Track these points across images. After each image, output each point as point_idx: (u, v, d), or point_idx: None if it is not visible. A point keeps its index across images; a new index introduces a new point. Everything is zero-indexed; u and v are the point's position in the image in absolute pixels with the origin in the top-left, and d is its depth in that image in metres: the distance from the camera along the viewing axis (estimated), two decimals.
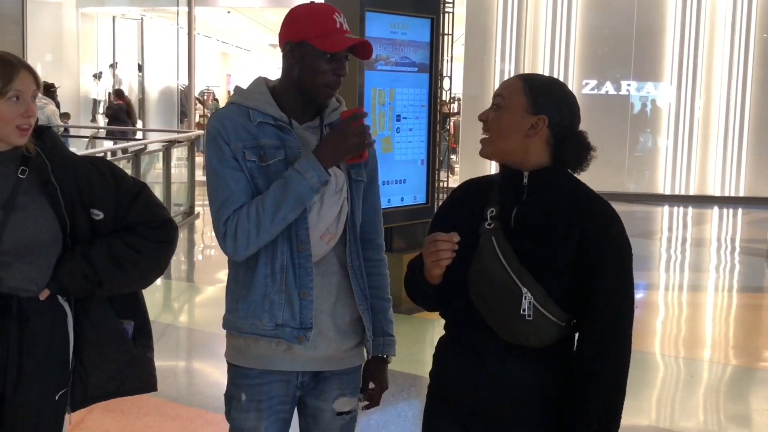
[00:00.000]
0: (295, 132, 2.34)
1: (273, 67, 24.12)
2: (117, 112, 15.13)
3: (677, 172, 15.51)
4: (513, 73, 15.21)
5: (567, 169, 2.15)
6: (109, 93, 15.02)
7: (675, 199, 15.13)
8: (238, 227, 2.24)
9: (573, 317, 2.11)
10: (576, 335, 2.15)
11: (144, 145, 10.28)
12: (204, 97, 20.62)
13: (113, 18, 16.56)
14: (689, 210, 14.46)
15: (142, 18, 16.99)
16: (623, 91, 15.52)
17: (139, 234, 2.41)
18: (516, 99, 2.10)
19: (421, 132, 6.70)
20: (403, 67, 6.49)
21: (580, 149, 2.13)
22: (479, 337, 2.13)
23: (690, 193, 15.36)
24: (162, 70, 17.16)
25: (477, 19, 15.13)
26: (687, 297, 8.58)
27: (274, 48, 21.45)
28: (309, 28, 2.30)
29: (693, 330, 7.24)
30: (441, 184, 7.63)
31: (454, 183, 11.81)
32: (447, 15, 7.29)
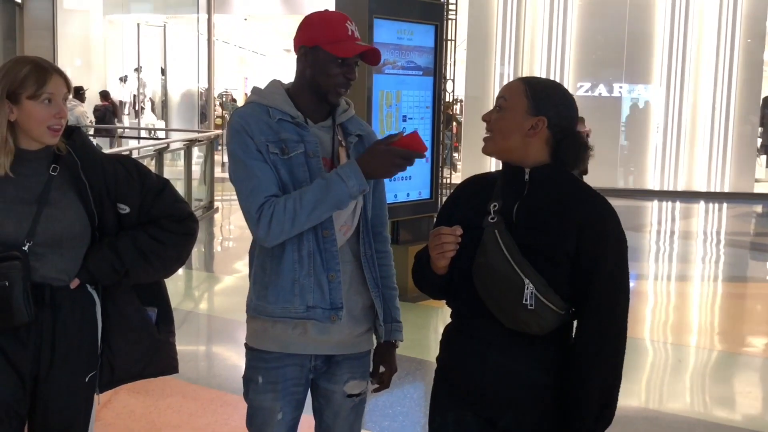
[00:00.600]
0: (311, 130, 2.35)
1: (287, 71, 24.14)
2: (104, 113, 15.38)
3: (666, 168, 15.48)
4: (512, 76, 15.19)
5: (565, 167, 2.14)
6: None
7: (663, 195, 15.10)
8: (273, 218, 2.23)
9: (572, 306, 2.10)
10: (574, 323, 2.15)
11: (167, 144, 10.28)
12: (223, 99, 20.61)
13: (138, 25, 16.56)
14: (677, 204, 14.42)
15: (165, 24, 16.97)
16: (615, 93, 15.48)
17: (163, 227, 2.42)
18: (517, 101, 2.10)
19: (426, 131, 6.69)
20: (409, 71, 6.47)
21: (578, 149, 2.12)
22: (483, 325, 2.13)
23: (678, 189, 15.32)
24: (183, 73, 17.15)
25: (478, 25, 15.09)
26: (675, 286, 8.56)
27: (288, 53, 21.46)
28: (323, 33, 2.31)
29: (680, 317, 7.23)
30: (444, 180, 7.62)
31: (456, 180, 11.82)
32: (450, 22, 7.27)
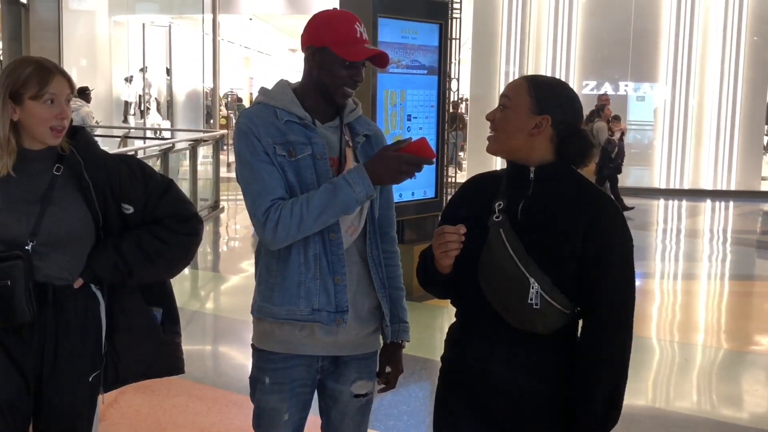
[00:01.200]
0: (318, 130, 2.34)
1: (292, 70, 24.13)
2: None
3: (672, 167, 15.43)
4: (517, 75, 15.15)
5: (570, 165, 2.13)
6: (140, 96, 15.02)
7: (670, 193, 15.06)
8: (280, 221, 2.22)
9: (577, 305, 2.09)
10: (580, 322, 2.13)
11: (172, 144, 10.28)
12: (228, 99, 20.62)
13: (143, 25, 16.59)
14: (683, 203, 14.38)
15: (170, 25, 17.00)
16: (621, 91, 15.44)
17: (167, 227, 2.41)
18: (521, 99, 2.08)
19: (431, 130, 6.67)
20: (414, 70, 6.46)
21: (582, 146, 2.11)
22: (489, 324, 2.11)
23: (684, 187, 15.28)
24: (189, 73, 17.16)
25: (483, 24, 15.07)
26: (681, 285, 8.52)
27: (293, 52, 21.46)
28: (331, 35, 2.29)
29: (687, 316, 7.20)
30: (449, 179, 7.60)
31: (461, 178, 11.79)
32: (454, 21, 7.25)
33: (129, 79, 17.78)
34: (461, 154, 15.94)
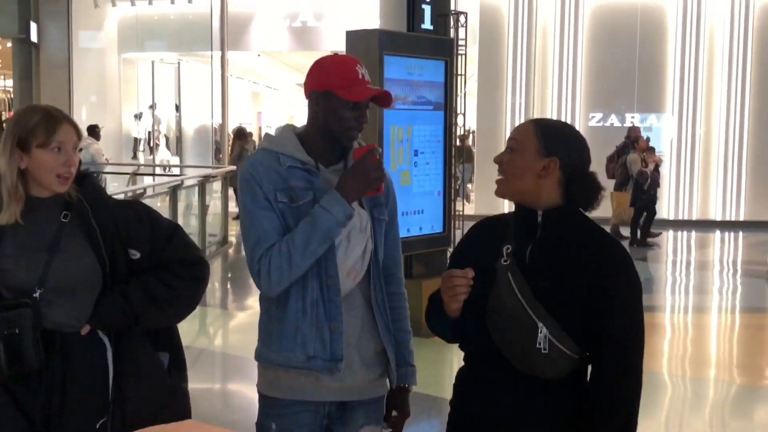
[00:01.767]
0: (322, 175, 2.35)
1: (299, 105, 24.24)
2: None
3: (680, 198, 15.39)
4: (524, 107, 15.21)
5: (579, 208, 2.12)
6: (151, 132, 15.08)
7: (679, 224, 14.99)
8: (271, 264, 2.24)
9: (586, 350, 2.07)
10: (589, 367, 2.11)
11: (181, 181, 10.32)
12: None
13: (152, 62, 16.74)
14: (692, 234, 14.31)
15: (179, 62, 17.16)
16: (627, 123, 15.45)
17: (173, 272, 2.41)
18: (529, 142, 2.08)
19: (438, 165, 6.68)
20: (420, 106, 6.48)
21: (590, 189, 2.10)
22: (497, 369, 2.09)
23: (693, 218, 15.22)
24: (197, 109, 17.29)
25: (489, 57, 15.14)
26: (692, 318, 8.45)
27: (300, 87, 21.61)
28: (334, 78, 2.31)
29: (698, 350, 7.13)
30: (457, 212, 7.58)
31: (470, 211, 11.78)
32: (460, 57, 7.29)
33: (138, 116, 17.92)
34: (469, 186, 15.95)
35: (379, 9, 7.48)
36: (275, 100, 27.62)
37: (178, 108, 17.56)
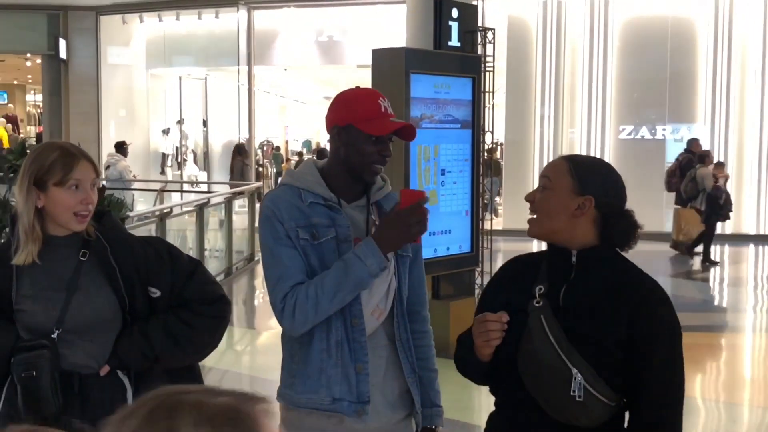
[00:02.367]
0: (344, 211, 2.29)
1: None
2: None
3: None
4: (552, 119, 15.06)
5: (615, 248, 2.03)
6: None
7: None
8: (296, 306, 2.19)
9: (623, 396, 1.97)
10: (626, 414, 2.01)
11: (207, 199, 10.32)
12: (263, 149, 20.76)
13: (180, 78, 16.80)
14: (725, 248, 14.05)
15: (206, 77, 17.22)
16: (659, 135, 15.24)
17: (194, 310, 2.35)
18: (562, 180, 2.00)
19: (465, 184, 6.59)
20: (447, 124, 6.40)
21: (627, 228, 2.01)
22: (529, 416, 2.01)
23: (726, 232, 14.94)
24: (225, 124, 17.33)
25: (517, 69, 15.02)
26: (726, 338, 8.25)
27: (327, 100, 21.63)
28: (355, 112, 2.27)
29: (733, 372, 6.95)
30: (485, 227, 7.45)
31: (497, 226, 11.65)
32: (488, 74, 7.20)
33: (166, 131, 17.99)
34: (497, 199, 15.82)
35: (406, 25, 7.41)
36: (302, 113, 27.70)
37: (205, 123, 17.61)
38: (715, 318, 9.05)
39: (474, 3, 7.29)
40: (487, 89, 7.19)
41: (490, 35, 7.22)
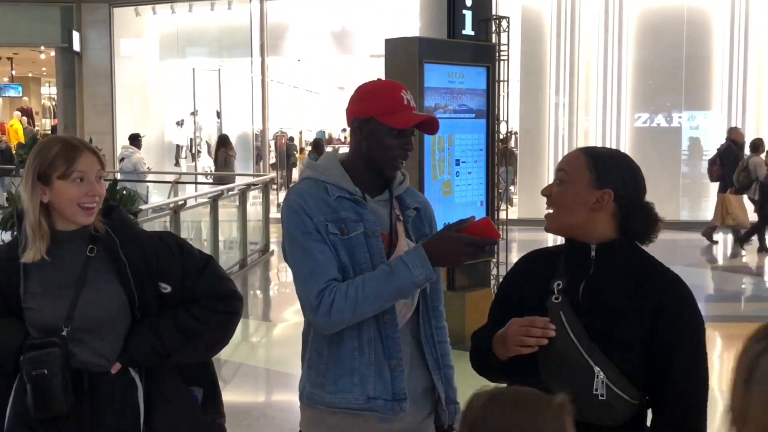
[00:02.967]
0: (368, 205, 2.25)
1: (339, 109, 24.17)
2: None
3: None
4: (567, 107, 14.94)
5: (635, 242, 1.96)
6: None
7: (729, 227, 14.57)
8: (333, 305, 2.12)
9: (646, 394, 1.91)
10: (649, 411, 1.95)
11: (221, 191, 10.29)
12: (276, 140, 20.71)
13: (193, 69, 16.76)
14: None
15: (219, 68, 17.17)
16: (675, 122, 15.09)
17: (205, 306, 2.31)
18: (580, 173, 1.93)
19: (480, 174, 6.52)
20: (461, 114, 6.33)
21: (647, 221, 1.95)
22: None
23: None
24: (238, 115, 17.30)
25: (531, 57, 14.88)
26: (744, 328, 8.12)
27: (341, 90, 21.55)
28: (377, 105, 2.21)
29: None
30: (500, 217, 7.36)
31: (512, 215, 11.54)
32: (502, 63, 7.11)
33: (180, 123, 17.98)
34: (512, 188, 15.73)
35: (419, 14, 7.33)
36: (315, 103, 27.65)
37: (219, 114, 17.58)
38: (732, 307, 8.95)
39: None
40: (502, 78, 7.10)
41: (504, 23, 7.13)
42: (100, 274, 2.22)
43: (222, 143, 14.67)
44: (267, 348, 7.59)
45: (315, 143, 14.86)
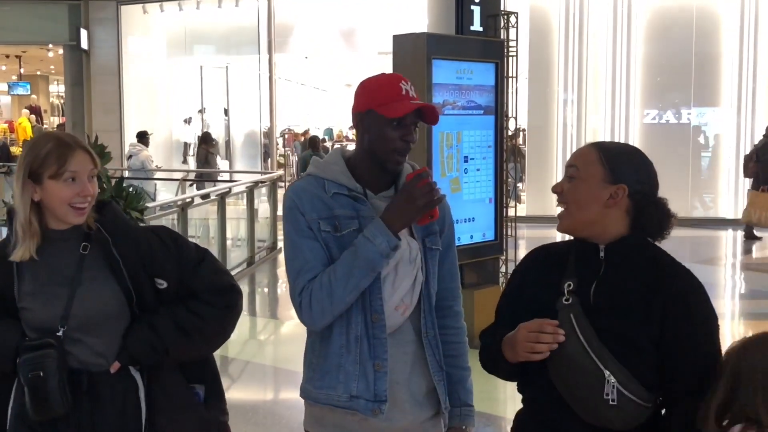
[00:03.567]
0: (370, 202, 2.19)
1: (346, 106, 24.12)
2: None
3: (740, 195, 14.85)
4: (576, 104, 14.86)
5: (646, 238, 1.91)
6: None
7: (738, 224, 14.48)
8: (312, 297, 2.11)
9: (658, 395, 1.86)
10: (662, 411, 1.90)
11: (229, 189, 10.25)
12: (285, 137, 20.69)
13: (201, 67, 16.75)
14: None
15: (227, 66, 17.14)
16: (684, 118, 14.99)
17: (203, 300, 2.26)
18: (592, 169, 1.88)
19: (488, 171, 6.46)
20: (470, 110, 6.27)
21: (661, 217, 1.89)
22: (559, 418, 1.90)
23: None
24: (246, 113, 17.26)
25: (540, 53, 14.81)
26: (754, 325, 8.07)
27: (348, 87, 21.52)
28: (374, 97, 2.17)
29: None
30: (508, 214, 7.30)
31: (521, 212, 11.47)
32: (511, 59, 7.05)
33: (188, 121, 17.95)
34: (519, 185, 15.66)
35: (427, 10, 7.28)
36: (323, 100, 27.62)
37: (226, 112, 17.55)
38: (743, 305, 8.88)
39: None
40: (510, 74, 7.05)
41: (512, 19, 7.07)
42: (94, 272, 2.17)
43: (204, 140, 14.68)
44: (274, 346, 7.55)
45: (311, 141, 14.78)
